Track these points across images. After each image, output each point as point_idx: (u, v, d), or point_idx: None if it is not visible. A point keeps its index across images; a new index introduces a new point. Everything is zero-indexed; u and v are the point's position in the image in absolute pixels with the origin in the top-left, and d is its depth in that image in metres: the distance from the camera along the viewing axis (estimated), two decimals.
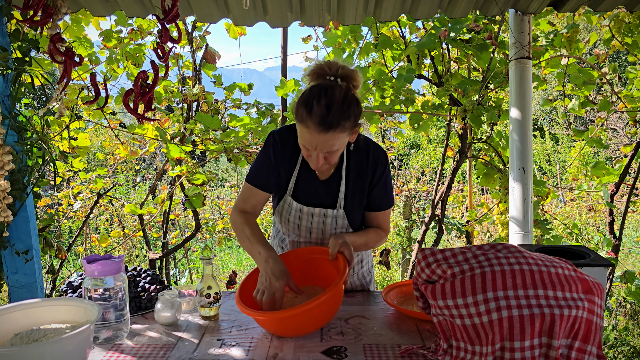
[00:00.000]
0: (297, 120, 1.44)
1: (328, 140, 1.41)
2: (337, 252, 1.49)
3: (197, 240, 5.67)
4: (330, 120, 1.37)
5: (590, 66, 3.20)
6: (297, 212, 1.65)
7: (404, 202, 5.37)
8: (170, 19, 1.64)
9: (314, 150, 1.44)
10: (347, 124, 1.42)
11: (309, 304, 1.27)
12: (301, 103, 1.42)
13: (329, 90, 1.40)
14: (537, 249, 2.02)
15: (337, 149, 1.45)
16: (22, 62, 1.89)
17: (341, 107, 1.39)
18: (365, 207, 1.70)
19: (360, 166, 1.64)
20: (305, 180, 1.64)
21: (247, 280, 1.55)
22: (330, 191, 1.65)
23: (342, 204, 1.63)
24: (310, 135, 1.41)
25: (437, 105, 3.18)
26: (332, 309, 1.41)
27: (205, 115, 2.95)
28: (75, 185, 3.88)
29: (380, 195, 1.67)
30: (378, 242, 1.70)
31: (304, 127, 1.41)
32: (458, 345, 1.17)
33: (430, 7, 2.47)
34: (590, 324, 1.12)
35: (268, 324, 1.38)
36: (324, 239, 1.69)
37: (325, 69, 1.46)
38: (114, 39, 3.09)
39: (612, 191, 3.32)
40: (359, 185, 1.64)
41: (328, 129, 1.38)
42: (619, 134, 6.87)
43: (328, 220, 1.64)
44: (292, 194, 1.65)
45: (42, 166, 2.02)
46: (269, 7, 2.44)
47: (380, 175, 1.65)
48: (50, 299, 1.31)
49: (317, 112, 1.37)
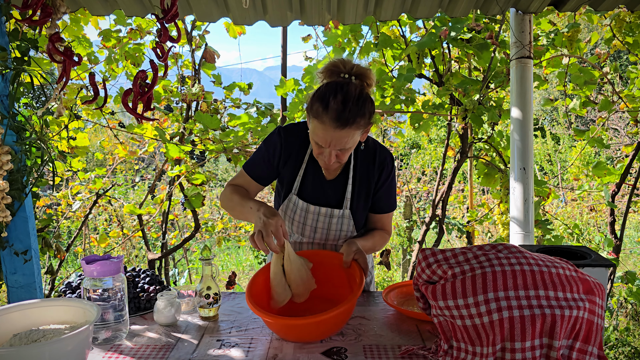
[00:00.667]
0: (311, 115, 1.43)
1: (343, 137, 1.41)
2: (352, 260, 1.48)
3: (196, 240, 5.67)
4: (347, 116, 1.37)
5: (591, 66, 3.19)
6: (303, 211, 1.63)
7: (405, 202, 5.37)
8: (169, 18, 1.63)
9: (327, 147, 1.44)
10: (362, 121, 1.42)
11: (326, 314, 1.25)
12: (317, 99, 1.41)
13: (344, 87, 1.41)
14: (538, 249, 2.01)
15: (350, 147, 1.46)
16: (21, 62, 1.89)
17: (357, 104, 1.39)
18: (369, 209, 1.69)
19: (367, 167, 1.63)
20: (311, 179, 1.63)
21: (256, 278, 1.50)
22: (337, 191, 1.64)
23: (348, 204, 1.62)
24: (325, 132, 1.40)
25: (438, 104, 3.18)
26: (345, 318, 1.39)
27: (204, 115, 2.94)
28: (74, 185, 3.88)
29: (385, 198, 1.67)
30: (383, 244, 1.70)
31: (319, 122, 1.40)
32: (459, 346, 1.16)
33: (430, 6, 2.46)
34: (591, 324, 1.11)
35: (281, 329, 1.36)
36: (328, 240, 1.68)
37: (340, 67, 1.46)
38: (113, 39, 3.09)
39: (613, 191, 3.31)
40: (365, 186, 1.63)
41: (344, 125, 1.38)
42: (620, 134, 6.87)
43: (334, 220, 1.63)
44: (298, 193, 1.64)
45: (41, 166, 2.01)
46: (268, 6, 2.43)
47: (387, 177, 1.64)
48: (49, 299, 1.31)
49: (333, 108, 1.37)
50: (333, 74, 1.46)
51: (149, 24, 3.12)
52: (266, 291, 1.49)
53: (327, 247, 1.71)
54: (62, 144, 2.85)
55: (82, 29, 2.96)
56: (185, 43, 3.22)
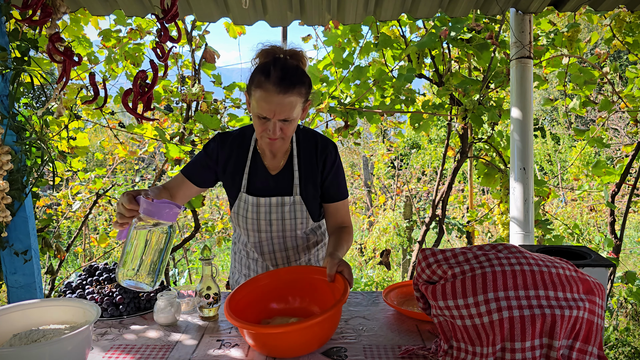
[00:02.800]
0: (253, 87, 1.46)
1: (286, 105, 1.44)
2: (336, 273, 1.43)
3: (196, 240, 5.67)
4: (288, 81, 1.43)
5: (591, 66, 3.19)
6: (254, 206, 1.65)
7: (405, 202, 5.37)
8: (169, 18, 1.63)
9: (272, 117, 1.46)
10: (303, 90, 1.47)
11: (310, 320, 1.17)
12: (257, 71, 1.47)
13: (282, 60, 1.48)
14: (538, 249, 2.01)
15: (293, 119, 1.49)
16: (21, 62, 1.89)
17: (296, 72, 1.46)
18: (321, 199, 1.71)
19: (309, 156, 1.67)
20: (257, 176, 1.66)
21: (239, 290, 1.45)
22: (284, 182, 1.66)
23: (298, 190, 1.65)
24: (269, 100, 1.43)
25: (438, 104, 3.18)
26: (330, 329, 1.31)
27: (204, 115, 2.94)
28: (74, 185, 3.87)
29: (335, 186, 1.70)
30: (352, 240, 1.71)
31: (263, 91, 1.43)
32: (458, 346, 1.16)
33: (430, 6, 2.46)
34: (591, 324, 1.11)
35: (257, 339, 1.24)
36: (285, 231, 1.68)
37: (274, 49, 1.52)
38: (113, 39, 3.09)
39: (613, 191, 3.31)
40: (311, 174, 1.67)
41: (286, 89, 1.42)
42: (620, 134, 6.87)
43: (286, 209, 1.65)
44: (246, 190, 1.66)
45: (41, 166, 2.01)
46: (268, 6, 2.43)
47: (332, 165, 1.67)
48: (49, 299, 1.31)
49: (274, 75, 1.42)
50: (268, 55, 1.52)
51: (149, 24, 3.12)
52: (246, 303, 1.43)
53: (286, 240, 1.71)
54: (62, 144, 2.85)
55: (82, 29, 2.96)
56: (185, 43, 3.21)
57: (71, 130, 3.01)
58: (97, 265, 1.74)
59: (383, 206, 6.16)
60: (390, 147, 6.43)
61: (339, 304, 1.25)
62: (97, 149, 8.62)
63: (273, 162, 1.67)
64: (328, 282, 1.43)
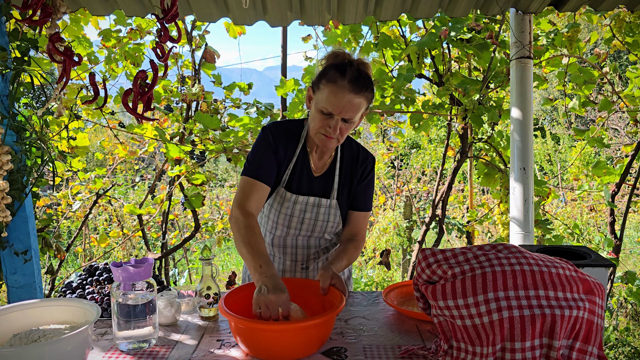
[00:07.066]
0: (324, 81, 1.47)
1: (355, 104, 1.46)
2: (329, 285, 1.43)
3: (196, 240, 5.67)
4: (362, 83, 1.46)
5: (591, 66, 3.19)
6: (290, 203, 1.64)
7: (405, 202, 5.37)
8: (169, 18, 1.63)
9: (337, 115, 1.46)
10: (370, 96, 1.50)
11: (306, 321, 1.18)
12: (332, 67, 1.48)
13: (356, 63, 1.49)
14: (538, 249, 2.01)
15: (353, 122, 1.51)
16: (21, 62, 1.89)
17: (368, 77, 1.49)
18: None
19: (351, 164, 1.70)
20: (300, 174, 1.65)
21: (236, 291, 1.43)
22: (324, 185, 1.67)
23: (335, 194, 1.66)
24: (340, 96, 1.44)
25: (438, 104, 3.18)
26: (323, 335, 1.29)
27: (204, 115, 2.94)
28: (74, 185, 3.87)
29: (362, 195, 1.71)
30: (357, 256, 1.69)
31: (336, 87, 1.44)
32: (458, 346, 1.16)
33: (430, 6, 2.46)
34: (591, 324, 1.11)
35: (245, 334, 1.24)
36: (314, 232, 1.68)
37: (344, 54, 1.53)
38: (113, 39, 3.09)
39: (613, 191, 3.31)
40: (349, 180, 1.69)
41: (359, 90, 1.45)
42: (620, 134, 6.87)
43: (322, 210, 1.65)
44: (286, 186, 1.65)
45: (41, 166, 2.01)
46: (268, 6, 2.43)
47: (367, 175, 1.71)
48: (49, 299, 1.31)
49: (350, 73, 1.45)
50: (337, 58, 1.53)
51: (149, 24, 3.12)
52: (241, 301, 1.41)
53: (310, 239, 1.71)
54: (62, 144, 2.85)
55: (82, 29, 2.96)
56: (185, 43, 3.22)
57: (71, 130, 3.01)
58: (97, 265, 1.74)
59: (383, 206, 6.16)
60: (390, 147, 6.43)
61: (334, 311, 1.25)
62: (97, 149, 8.62)
63: (319, 163, 1.67)
64: (321, 295, 1.44)
